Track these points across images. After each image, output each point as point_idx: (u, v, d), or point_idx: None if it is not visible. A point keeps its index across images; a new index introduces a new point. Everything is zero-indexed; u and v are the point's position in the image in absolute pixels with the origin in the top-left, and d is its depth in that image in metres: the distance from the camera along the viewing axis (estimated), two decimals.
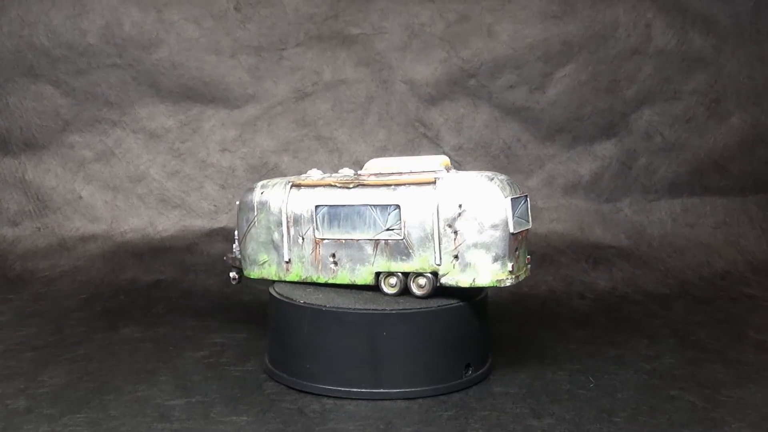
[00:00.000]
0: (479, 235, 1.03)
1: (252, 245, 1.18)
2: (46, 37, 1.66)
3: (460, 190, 1.03)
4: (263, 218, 1.16)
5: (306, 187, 1.13)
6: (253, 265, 1.18)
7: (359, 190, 1.09)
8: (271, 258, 1.16)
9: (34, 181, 1.68)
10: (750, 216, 1.73)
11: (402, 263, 1.07)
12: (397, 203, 1.06)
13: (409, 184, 1.07)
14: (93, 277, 1.57)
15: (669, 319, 1.40)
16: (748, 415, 1.02)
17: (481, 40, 1.67)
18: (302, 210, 1.12)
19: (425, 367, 1.07)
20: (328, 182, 1.11)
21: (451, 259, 1.04)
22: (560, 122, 1.69)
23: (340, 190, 1.10)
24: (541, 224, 1.65)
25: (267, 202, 1.15)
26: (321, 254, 1.12)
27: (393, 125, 1.68)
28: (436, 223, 1.04)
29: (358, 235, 1.09)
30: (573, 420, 1.00)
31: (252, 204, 1.17)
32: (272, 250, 1.16)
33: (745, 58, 1.72)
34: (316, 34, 1.67)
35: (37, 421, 0.98)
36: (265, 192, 1.16)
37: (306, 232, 1.12)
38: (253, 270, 1.18)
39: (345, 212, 1.10)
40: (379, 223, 1.08)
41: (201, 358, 1.21)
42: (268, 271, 1.17)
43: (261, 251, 1.17)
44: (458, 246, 1.04)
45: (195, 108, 1.68)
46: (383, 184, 1.08)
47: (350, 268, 1.11)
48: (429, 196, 1.05)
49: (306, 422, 0.98)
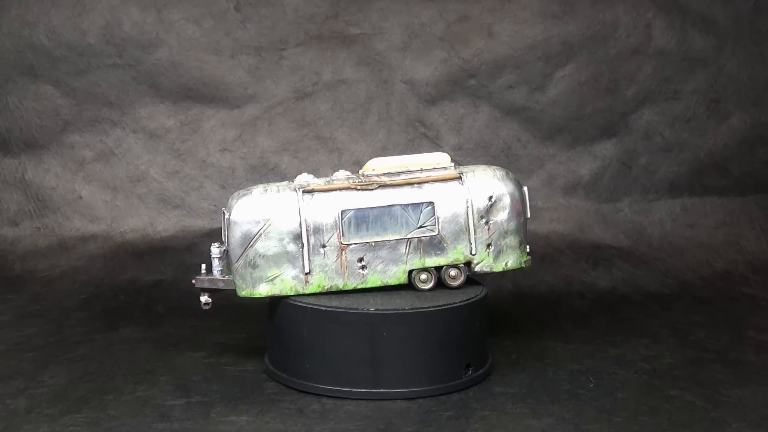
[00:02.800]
0: (508, 223, 1.14)
1: (258, 261, 1.09)
2: (46, 37, 1.66)
3: (488, 184, 1.14)
4: (273, 230, 1.09)
5: (320, 192, 1.10)
6: (258, 282, 1.10)
7: (383, 191, 1.10)
8: (284, 271, 1.10)
9: (34, 181, 1.68)
10: (750, 216, 1.73)
11: (436, 258, 1.12)
12: (431, 200, 1.11)
13: (434, 181, 1.12)
14: (93, 277, 1.57)
15: (669, 319, 1.41)
16: (748, 415, 1.02)
17: (481, 40, 1.67)
18: (323, 217, 1.09)
19: (425, 367, 1.07)
20: (346, 185, 1.10)
21: (485, 248, 1.13)
22: (560, 122, 1.69)
23: (362, 193, 1.10)
24: (541, 224, 1.65)
25: (277, 212, 1.09)
26: (348, 260, 1.10)
27: (393, 125, 1.68)
28: (471, 216, 1.12)
29: (389, 236, 1.11)
30: (573, 420, 1.00)
31: (255, 216, 1.09)
32: (285, 263, 1.09)
33: (745, 58, 1.72)
34: (316, 34, 1.68)
35: (37, 421, 0.98)
36: (272, 201, 1.10)
37: (329, 239, 1.09)
38: (258, 287, 1.10)
39: (374, 214, 1.10)
40: (411, 221, 1.11)
41: (201, 358, 1.21)
42: (281, 287, 1.10)
43: (271, 266, 1.09)
44: (491, 235, 1.14)
45: (195, 108, 1.68)
46: (406, 183, 1.11)
47: (381, 270, 1.11)
48: (459, 191, 1.12)
49: (306, 422, 0.98)
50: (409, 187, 1.11)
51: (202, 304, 1.15)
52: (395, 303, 1.07)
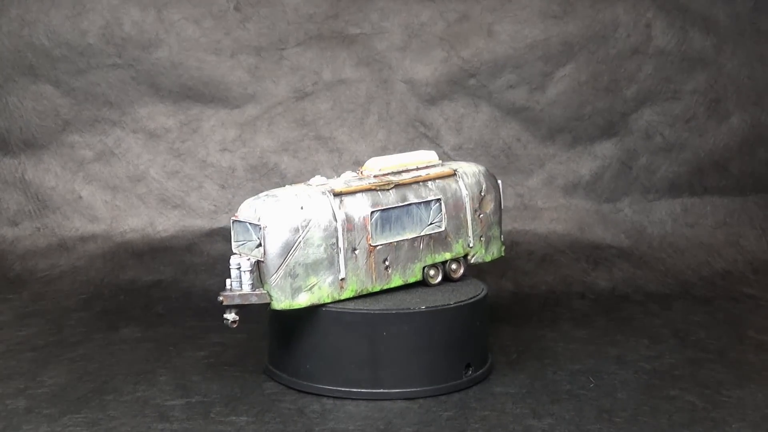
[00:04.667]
0: (494, 215, 1.21)
1: (298, 270, 1.04)
2: (46, 37, 1.66)
3: (477, 179, 1.19)
4: (312, 236, 1.04)
5: (348, 194, 1.08)
6: (298, 292, 1.04)
7: (398, 190, 1.11)
8: (321, 279, 1.05)
9: (33, 181, 1.68)
10: (750, 216, 1.73)
11: (443, 253, 1.16)
12: (438, 197, 1.14)
13: (436, 179, 1.15)
14: (93, 277, 1.57)
15: (669, 319, 1.41)
16: (748, 415, 1.02)
17: (481, 40, 1.67)
18: (354, 219, 1.08)
19: (425, 367, 1.07)
20: (368, 186, 1.10)
21: (478, 240, 1.19)
22: (560, 122, 1.69)
23: (382, 193, 1.10)
24: (541, 224, 1.65)
25: (314, 217, 1.05)
26: (376, 262, 1.10)
27: (393, 125, 1.68)
28: (469, 210, 1.17)
29: (408, 235, 1.12)
30: (573, 420, 1.00)
31: (294, 224, 1.03)
32: (322, 270, 1.05)
33: (745, 58, 1.72)
34: (316, 34, 1.68)
35: (37, 421, 0.98)
36: (307, 206, 1.05)
37: (360, 242, 1.08)
38: (298, 298, 1.04)
39: (396, 214, 1.11)
40: (424, 219, 1.14)
41: (201, 358, 1.21)
42: (319, 295, 1.05)
43: (309, 274, 1.04)
44: (483, 227, 1.19)
45: (195, 108, 1.68)
46: (414, 181, 1.13)
47: (402, 269, 1.12)
48: (457, 187, 1.17)
49: (306, 422, 0.98)
50: (417, 186, 1.13)
51: (230, 322, 1.04)
52: (395, 303, 1.08)
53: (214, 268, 1.58)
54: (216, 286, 1.54)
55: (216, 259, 1.60)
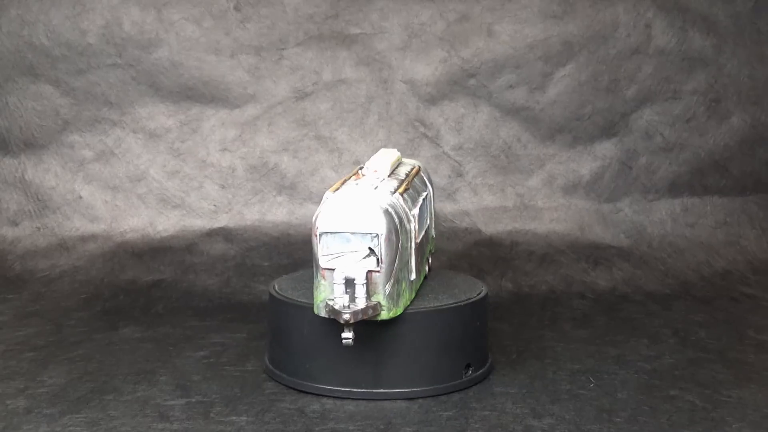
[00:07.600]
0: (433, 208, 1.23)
1: (399, 276, 1.00)
2: (46, 36, 1.66)
3: (427, 175, 1.22)
4: (404, 239, 1.01)
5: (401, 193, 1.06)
6: (399, 298, 1.01)
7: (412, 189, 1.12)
8: (405, 283, 1.03)
9: (33, 180, 1.68)
10: (750, 216, 1.73)
11: (429, 246, 1.19)
12: (428, 193, 1.19)
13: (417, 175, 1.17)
14: (93, 277, 1.57)
15: (669, 319, 1.40)
16: (748, 415, 1.02)
17: (481, 40, 1.67)
18: (413, 219, 1.06)
19: (425, 367, 1.07)
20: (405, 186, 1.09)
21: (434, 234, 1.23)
22: (560, 122, 1.69)
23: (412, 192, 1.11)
24: (541, 224, 1.65)
25: (403, 219, 1.02)
26: (417, 260, 1.07)
27: (393, 125, 1.68)
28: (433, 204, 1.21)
29: (425, 231, 1.15)
30: (573, 420, 1.00)
31: (394, 226, 0.99)
32: (406, 272, 1.03)
33: (745, 58, 1.72)
34: (316, 34, 1.68)
35: (37, 421, 0.98)
36: (396, 208, 1.01)
37: (412, 242, 1.06)
38: (399, 305, 1.01)
39: (422, 212, 1.13)
40: (426, 215, 1.16)
41: (201, 358, 1.21)
42: (404, 300, 1.02)
43: (401, 279, 1.01)
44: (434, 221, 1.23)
45: (195, 108, 1.68)
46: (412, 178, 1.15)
47: (423, 264, 1.13)
48: (426, 183, 1.19)
49: (306, 422, 0.98)
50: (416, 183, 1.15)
51: (351, 340, 0.97)
52: None
53: (214, 268, 1.58)
54: (216, 286, 1.54)
55: (216, 259, 1.60)
